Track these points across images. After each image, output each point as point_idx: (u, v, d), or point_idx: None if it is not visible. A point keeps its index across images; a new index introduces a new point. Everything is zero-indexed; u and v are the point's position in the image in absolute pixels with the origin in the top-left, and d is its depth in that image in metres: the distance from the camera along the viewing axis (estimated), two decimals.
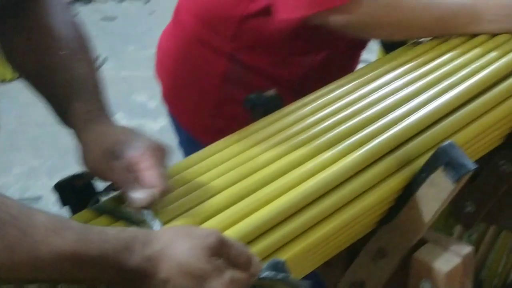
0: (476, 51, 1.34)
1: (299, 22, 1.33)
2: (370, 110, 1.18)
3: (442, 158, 1.07)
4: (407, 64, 1.32)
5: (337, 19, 1.31)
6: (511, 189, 1.44)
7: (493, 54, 1.33)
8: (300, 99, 1.24)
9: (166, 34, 1.57)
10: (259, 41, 1.41)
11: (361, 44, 1.52)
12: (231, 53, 1.43)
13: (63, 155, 2.99)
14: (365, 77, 1.29)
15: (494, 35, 1.38)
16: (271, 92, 1.26)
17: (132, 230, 0.83)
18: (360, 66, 1.44)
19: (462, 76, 1.27)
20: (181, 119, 1.55)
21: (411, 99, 1.20)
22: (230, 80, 1.44)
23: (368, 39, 1.49)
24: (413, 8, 1.33)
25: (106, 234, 0.80)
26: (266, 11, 1.34)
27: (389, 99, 1.21)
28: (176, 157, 1.09)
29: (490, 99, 1.25)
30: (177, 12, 1.54)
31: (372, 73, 1.30)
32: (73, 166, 0.99)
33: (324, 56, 1.45)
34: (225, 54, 1.43)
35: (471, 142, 1.23)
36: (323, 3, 1.29)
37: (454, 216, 1.49)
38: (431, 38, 1.40)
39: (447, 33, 1.38)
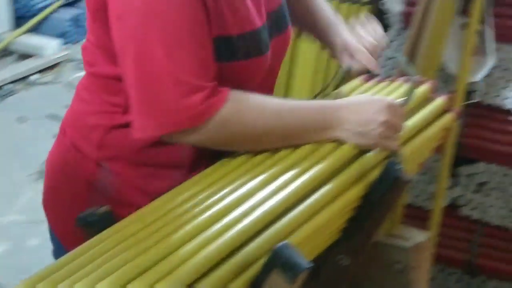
0: (305, 149, 1.36)
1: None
2: (203, 215, 1.17)
3: (277, 260, 1.07)
4: (240, 168, 1.33)
5: (189, 139, 1.31)
6: (353, 282, 1.46)
7: (321, 152, 1.35)
8: (133, 213, 1.22)
9: (54, 144, 1.57)
10: (124, 152, 1.41)
11: None
12: (98, 162, 1.43)
13: None
14: (199, 185, 1.28)
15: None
16: (104, 208, 1.25)
17: None
18: None
19: (292, 176, 1.28)
20: (55, 225, 1.54)
21: (244, 202, 1.21)
22: (98, 189, 1.43)
23: None
24: (267, 122, 1.32)
25: None
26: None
27: (221, 203, 1.21)
28: None
29: (322, 197, 1.27)
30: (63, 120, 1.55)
31: (201, 179, 1.31)
32: None
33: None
34: (93, 162, 1.43)
35: (308, 240, 1.23)
36: (171, 125, 1.28)
37: None
38: None
39: (305, 140, 1.37)
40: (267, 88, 1.49)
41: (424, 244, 1.67)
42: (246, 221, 1.15)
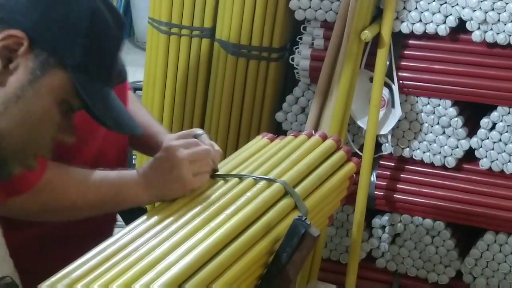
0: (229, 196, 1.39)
1: None
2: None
3: None
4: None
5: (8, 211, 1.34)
6: None
7: (242, 199, 1.38)
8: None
9: None
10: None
11: None
12: None
13: None
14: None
15: None
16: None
17: None
18: None
19: (206, 233, 1.28)
20: None
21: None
22: None
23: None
24: (78, 194, 1.37)
25: None
26: None
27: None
28: None
29: (232, 252, 1.27)
30: None
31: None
32: None
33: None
34: None
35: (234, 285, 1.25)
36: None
37: None
38: None
39: (120, 207, 1.45)
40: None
41: None
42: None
